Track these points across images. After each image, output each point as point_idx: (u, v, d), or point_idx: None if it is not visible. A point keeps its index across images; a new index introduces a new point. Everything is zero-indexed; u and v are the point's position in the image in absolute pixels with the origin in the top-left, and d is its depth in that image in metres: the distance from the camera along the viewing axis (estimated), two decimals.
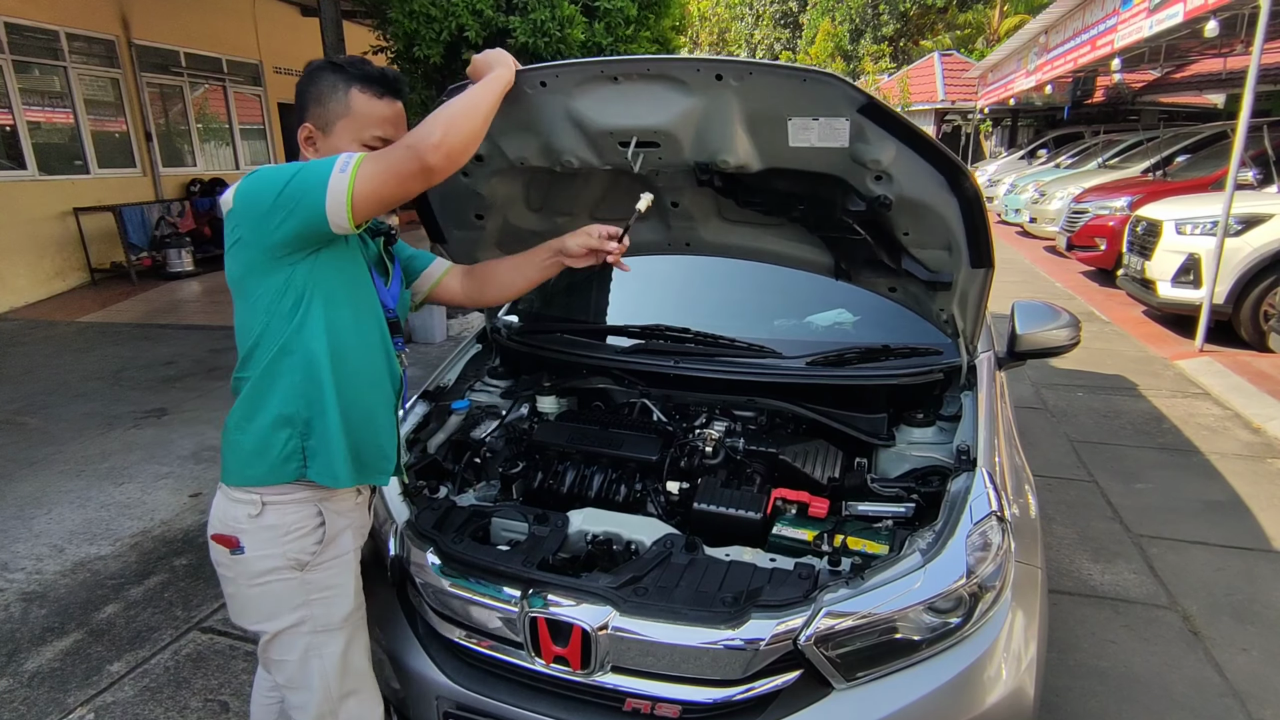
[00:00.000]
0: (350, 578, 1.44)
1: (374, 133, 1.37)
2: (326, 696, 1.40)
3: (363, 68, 1.38)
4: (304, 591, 1.37)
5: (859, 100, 1.36)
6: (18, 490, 3.53)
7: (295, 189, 1.21)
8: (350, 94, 1.36)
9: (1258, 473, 3.73)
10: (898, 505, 1.68)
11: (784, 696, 1.33)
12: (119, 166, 9.23)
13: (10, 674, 2.34)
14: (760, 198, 1.70)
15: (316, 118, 1.37)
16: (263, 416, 1.32)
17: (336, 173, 1.21)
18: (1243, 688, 2.27)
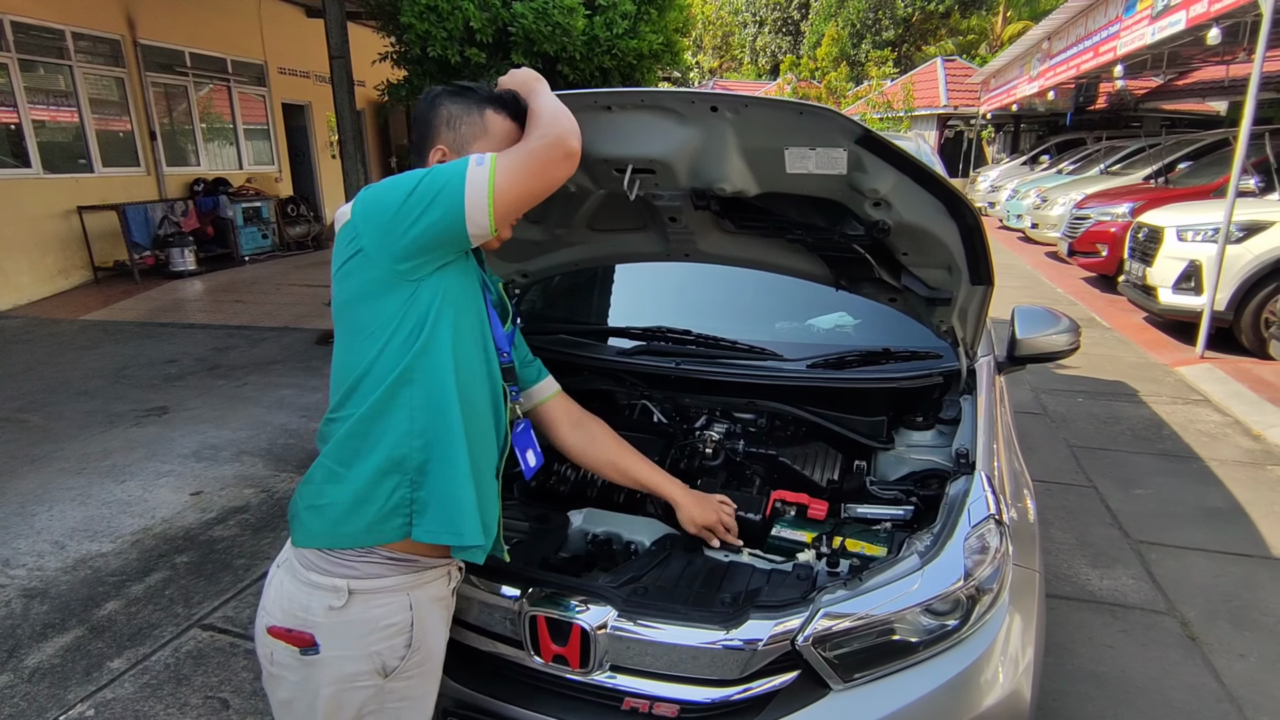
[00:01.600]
0: (435, 686, 1.30)
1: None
2: None
3: (490, 90, 1.35)
4: (378, 700, 1.19)
5: (855, 132, 1.37)
6: (19, 487, 3.55)
7: (429, 186, 1.12)
8: (485, 115, 1.31)
9: (1257, 480, 3.73)
10: (896, 508, 1.69)
11: (781, 697, 1.34)
12: (123, 165, 9.26)
13: (11, 670, 2.34)
14: (758, 219, 1.71)
15: (450, 140, 1.31)
16: (367, 461, 1.14)
17: (473, 166, 1.12)
18: (1240, 694, 2.27)
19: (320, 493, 1.17)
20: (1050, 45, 11.27)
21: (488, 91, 1.35)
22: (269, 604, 1.20)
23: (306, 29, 12.08)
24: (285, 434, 4.23)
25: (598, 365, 2.06)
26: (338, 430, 1.18)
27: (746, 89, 29.17)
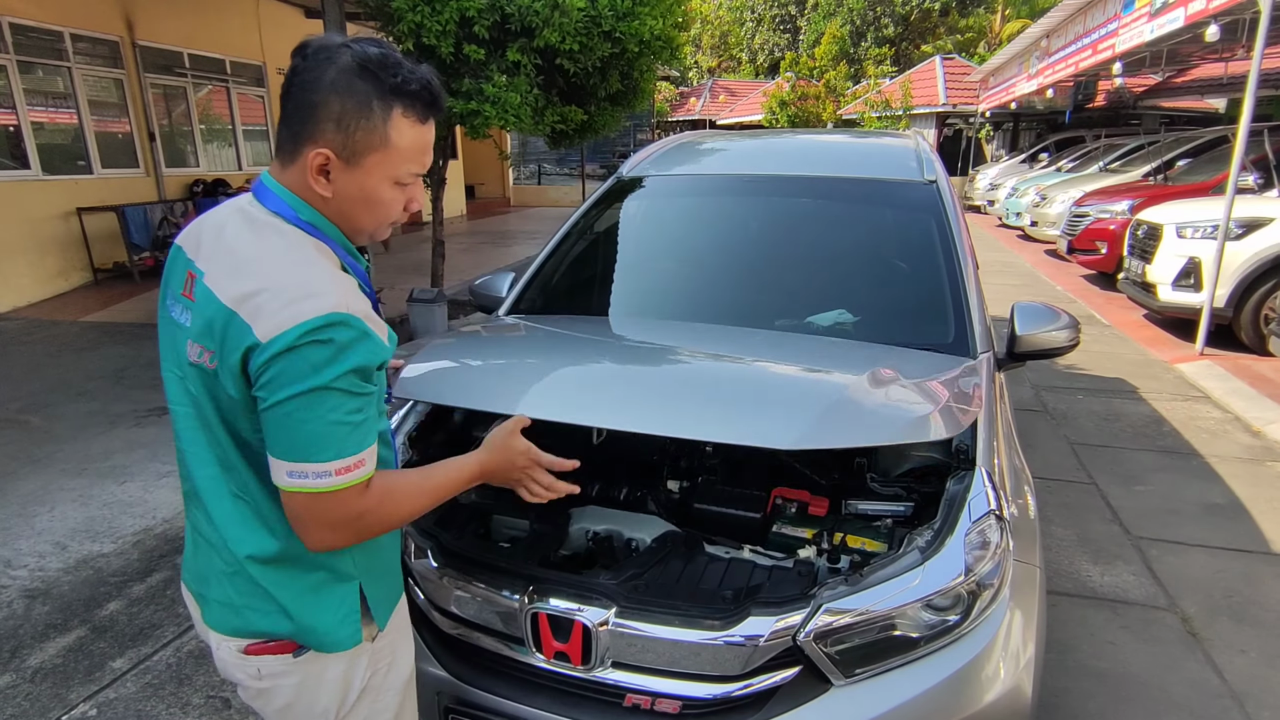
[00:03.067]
0: (409, 637, 1.30)
1: (411, 169, 1.09)
2: None
3: (401, 74, 1.03)
4: (372, 664, 1.19)
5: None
6: (20, 488, 3.55)
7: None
8: (391, 119, 1.03)
9: (1257, 476, 3.74)
10: (897, 504, 1.69)
11: (783, 693, 1.34)
12: (122, 167, 9.24)
13: (13, 670, 2.35)
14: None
15: (338, 144, 1.03)
16: None
17: (321, 471, 0.98)
18: (1241, 689, 2.27)
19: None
20: (1049, 43, 11.27)
21: (400, 80, 1.02)
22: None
23: (305, 29, 12.08)
24: None
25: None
26: None
27: (745, 88, 29.16)
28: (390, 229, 1.16)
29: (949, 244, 2.28)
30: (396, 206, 1.11)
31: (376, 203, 1.08)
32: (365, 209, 1.09)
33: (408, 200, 1.12)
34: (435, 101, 1.08)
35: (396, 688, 1.24)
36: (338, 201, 1.07)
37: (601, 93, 5.93)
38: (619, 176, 2.90)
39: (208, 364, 1.02)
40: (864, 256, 2.41)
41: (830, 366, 1.74)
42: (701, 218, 2.65)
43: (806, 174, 2.69)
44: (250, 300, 0.98)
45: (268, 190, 1.08)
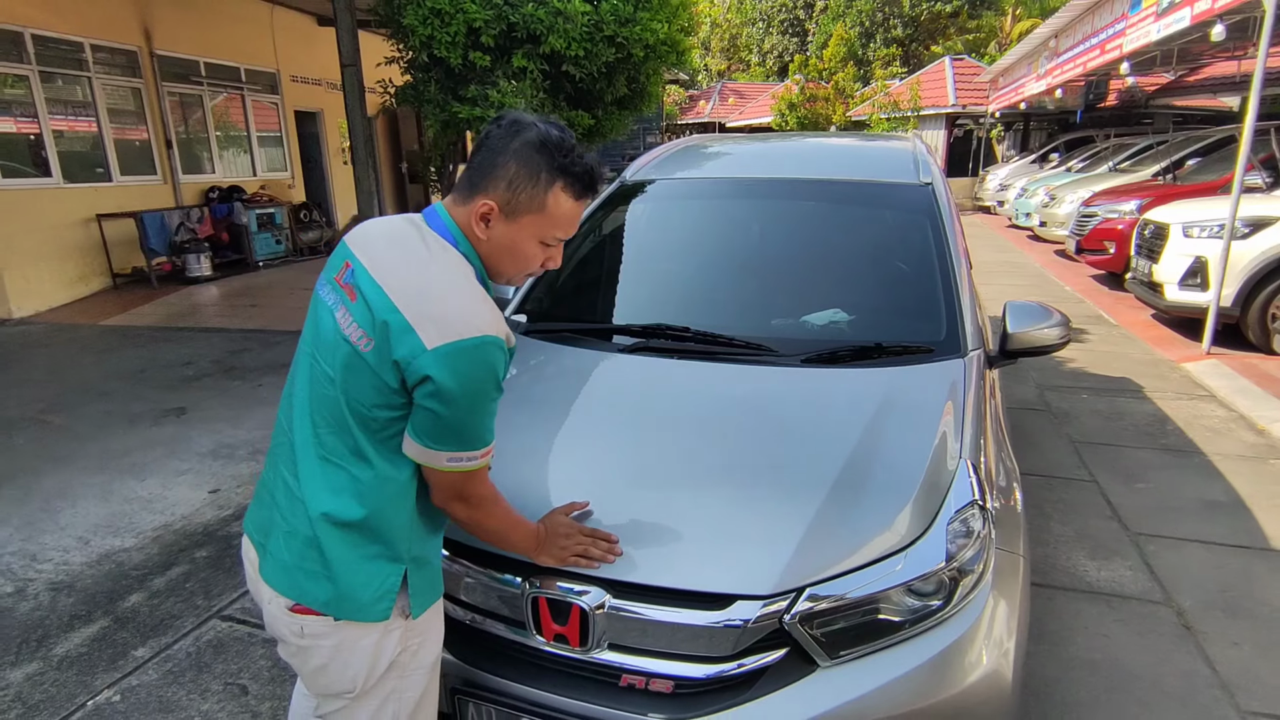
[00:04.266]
0: (440, 627, 1.40)
1: (557, 234, 1.28)
2: None
3: (573, 158, 1.23)
4: (404, 639, 1.30)
5: None
6: (44, 485, 3.66)
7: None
8: (552, 190, 1.22)
9: (1260, 473, 3.75)
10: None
11: (771, 673, 1.40)
12: (140, 174, 9.42)
13: (40, 658, 2.45)
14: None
15: (504, 200, 1.22)
16: None
17: (473, 456, 1.22)
18: (1232, 680, 2.31)
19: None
20: (1057, 43, 11.26)
21: (568, 160, 1.22)
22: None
23: (318, 37, 12.27)
24: None
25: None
26: None
27: (755, 90, 29.19)
28: (527, 277, 1.36)
29: (942, 245, 2.33)
30: (535, 262, 1.31)
31: (520, 255, 1.28)
32: (510, 258, 1.28)
33: (546, 258, 1.32)
34: (593, 185, 1.28)
35: (424, 668, 1.35)
36: (490, 246, 1.27)
37: (608, 97, 6.01)
38: (623, 181, 2.98)
39: (363, 347, 1.18)
40: (860, 257, 2.47)
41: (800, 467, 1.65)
42: (702, 220, 2.72)
43: (805, 177, 2.76)
44: (418, 307, 1.16)
45: (438, 216, 1.28)
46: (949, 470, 1.60)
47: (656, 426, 1.80)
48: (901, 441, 1.67)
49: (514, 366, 2.15)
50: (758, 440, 1.72)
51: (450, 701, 1.57)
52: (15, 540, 3.16)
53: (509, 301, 2.58)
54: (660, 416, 1.83)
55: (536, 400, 1.96)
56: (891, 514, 1.50)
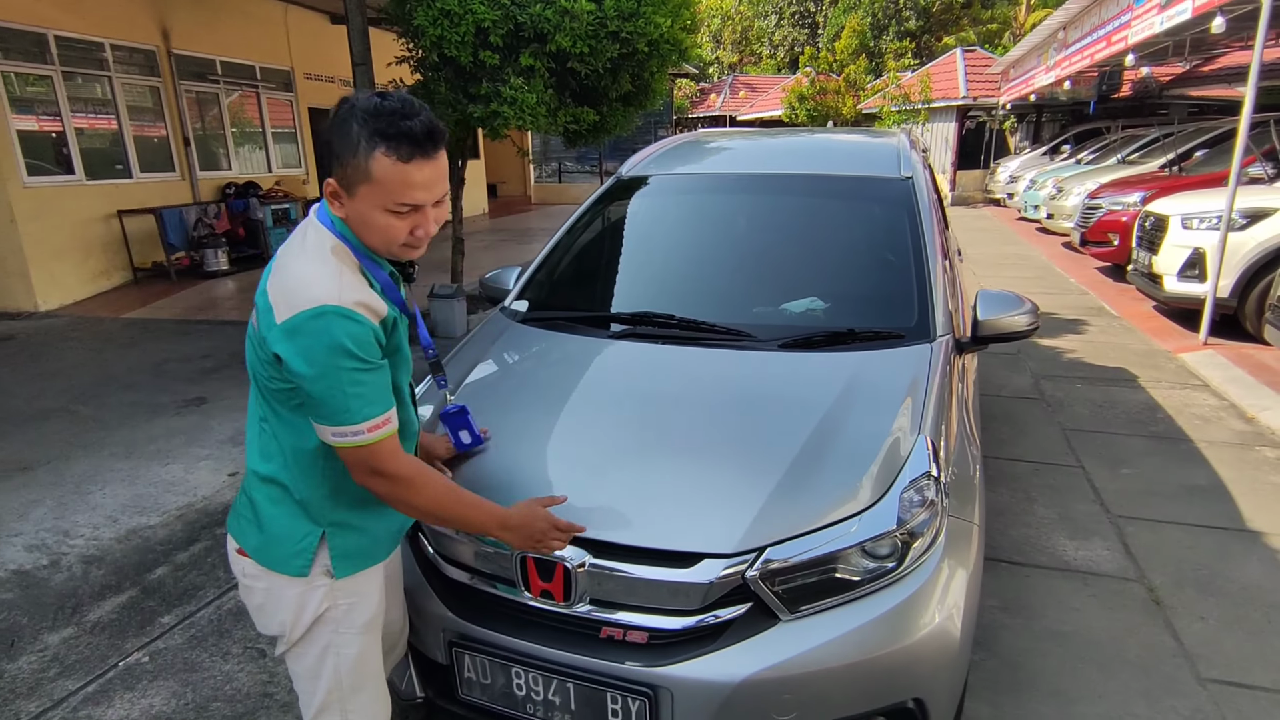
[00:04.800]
0: (377, 592, 1.48)
1: (399, 200, 1.23)
2: (335, 687, 1.46)
3: (390, 120, 1.18)
4: (331, 598, 1.41)
5: None
6: (74, 469, 3.86)
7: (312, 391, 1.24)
8: (373, 157, 1.19)
9: (1244, 459, 3.84)
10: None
11: (736, 625, 1.54)
12: (159, 171, 9.66)
13: (75, 623, 2.63)
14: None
15: (340, 176, 1.24)
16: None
17: (357, 430, 1.25)
18: (1195, 651, 2.42)
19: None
20: (1066, 35, 11.24)
21: (387, 123, 1.18)
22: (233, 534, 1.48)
23: (330, 35, 12.45)
24: None
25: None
26: None
27: (766, 83, 29.15)
28: (415, 249, 1.34)
29: (918, 236, 2.45)
30: (398, 230, 1.27)
31: (376, 227, 1.26)
32: (368, 230, 1.29)
33: (413, 226, 1.27)
34: (419, 143, 1.20)
35: (357, 629, 1.46)
36: (350, 223, 1.30)
37: (613, 93, 6.13)
38: (618, 176, 3.11)
39: (253, 324, 1.34)
40: (839, 247, 2.60)
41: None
42: (691, 214, 2.85)
43: (791, 172, 2.88)
44: (276, 285, 1.27)
45: (323, 207, 1.34)
46: (907, 444, 1.73)
47: (639, 404, 1.94)
48: (863, 418, 1.80)
49: (513, 352, 2.31)
50: (730, 417, 1.86)
51: (448, 654, 1.73)
52: (49, 518, 3.36)
53: (509, 291, 2.73)
54: (643, 396, 1.98)
55: (530, 382, 2.11)
56: (849, 482, 1.63)
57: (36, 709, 2.23)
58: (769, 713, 1.52)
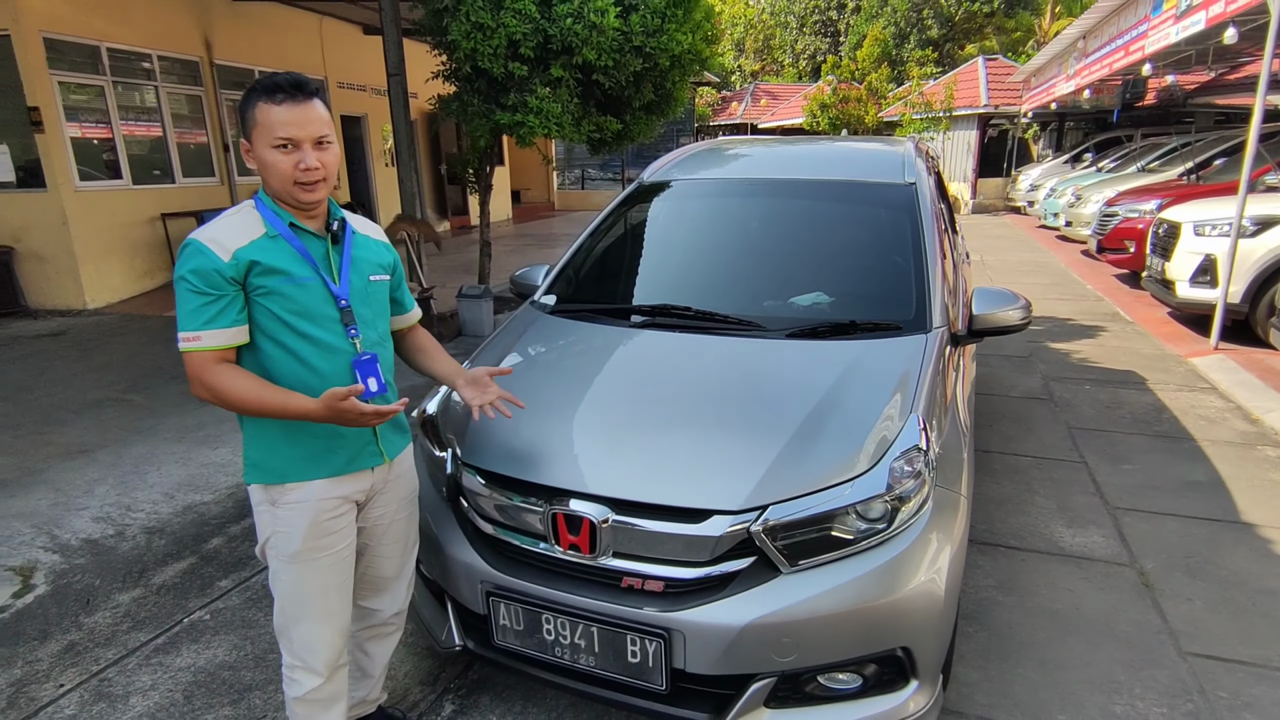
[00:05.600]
0: (300, 532, 1.64)
1: (277, 135, 1.54)
2: (281, 610, 1.71)
3: (266, 82, 1.55)
4: (272, 526, 1.67)
5: None
6: (133, 452, 4.15)
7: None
8: (256, 107, 1.55)
9: (1245, 458, 3.95)
10: None
11: (742, 576, 1.74)
12: (200, 176, 10.07)
13: (142, 585, 2.89)
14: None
15: (245, 133, 1.61)
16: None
17: (179, 337, 1.57)
18: (1179, 628, 2.57)
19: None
20: (1086, 44, 11.31)
21: (264, 83, 1.54)
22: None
23: (363, 45, 12.86)
24: None
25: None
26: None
27: (787, 91, 29.31)
28: (309, 190, 1.58)
29: (919, 237, 2.64)
30: (286, 165, 1.55)
31: (270, 164, 1.56)
32: (268, 171, 1.57)
33: (296, 162, 1.55)
34: (279, 88, 1.53)
35: (285, 556, 1.67)
36: (261, 174, 1.60)
37: (636, 103, 6.37)
38: (640, 181, 3.34)
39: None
40: (845, 247, 2.79)
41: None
42: (709, 216, 3.06)
43: (802, 178, 3.08)
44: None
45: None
46: (899, 421, 1.92)
47: (657, 384, 2.15)
48: (860, 397, 1.99)
49: (542, 342, 2.53)
50: (739, 395, 2.06)
51: (485, 604, 1.94)
52: (113, 494, 3.64)
53: (538, 286, 2.96)
54: (661, 377, 2.19)
55: (560, 365, 2.33)
56: (845, 452, 1.83)
57: (114, 656, 2.48)
58: (770, 654, 1.72)
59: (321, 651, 1.73)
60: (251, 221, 1.60)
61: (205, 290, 1.53)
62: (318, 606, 1.71)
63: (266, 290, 1.58)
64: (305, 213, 1.65)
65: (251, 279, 1.57)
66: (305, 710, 1.77)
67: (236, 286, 1.56)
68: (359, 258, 1.74)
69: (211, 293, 1.54)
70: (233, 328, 1.57)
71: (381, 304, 1.80)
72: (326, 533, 1.69)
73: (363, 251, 1.76)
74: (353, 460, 1.71)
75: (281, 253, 1.60)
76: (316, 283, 1.64)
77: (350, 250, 1.72)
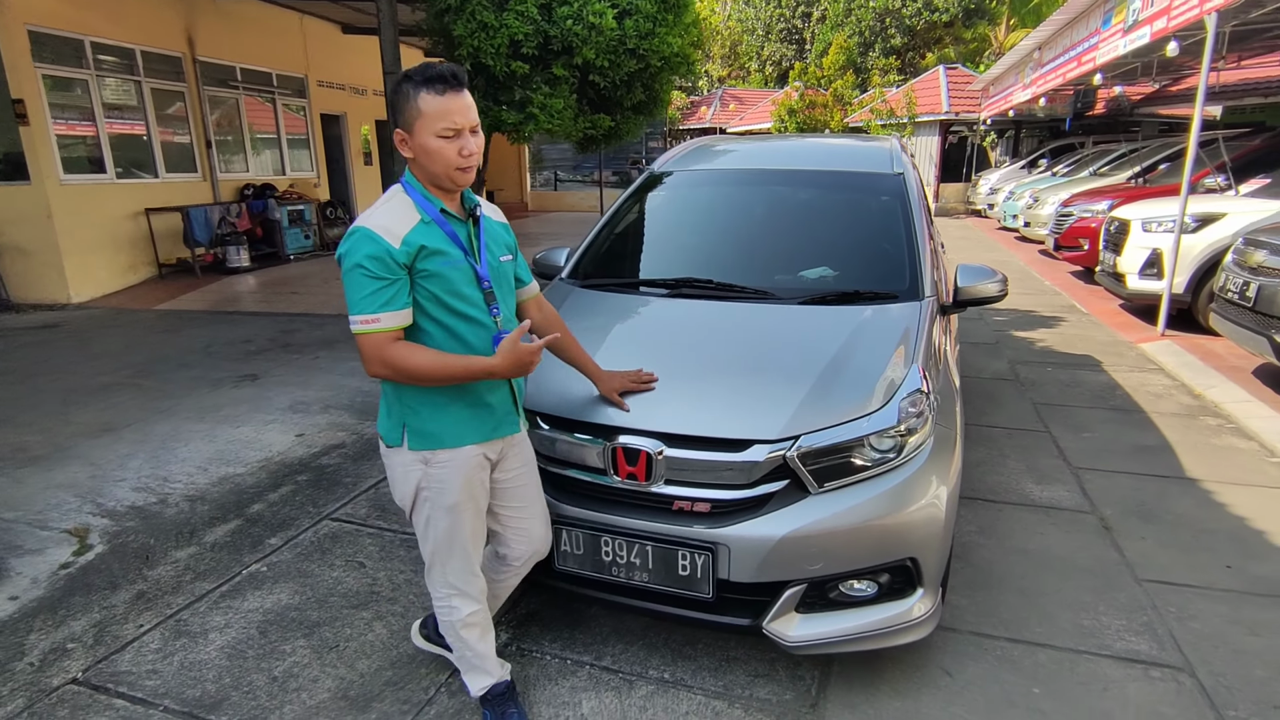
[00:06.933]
0: (458, 483, 1.83)
1: (442, 125, 1.64)
2: (434, 551, 1.91)
3: (425, 71, 1.64)
4: (426, 482, 1.84)
5: None
6: (157, 430, 4.30)
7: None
8: (419, 97, 1.63)
9: (1189, 426, 4.40)
10: None
11: (777, 497, 2.04)
12: (183, 171, 10.09)
13: (196, 543, 3.08)
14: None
15: (403, 123, 1.68)
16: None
17: (354, 320, 1.67)
18: (1134, 561, 2.95)
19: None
20: (1041, 54, 11.95)
21: (423, 73, 1.62)
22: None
23: (343, 44, 12.94)
24: (360, 394, 4.97)
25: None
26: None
27: (754, 96, 29.92)
28: (466, 175, 1.74)
29: (909, 219, 2.99)
30: (449, 152, 1.68)
31: (432, 152, 1.68)
32: (428, 158, 1.70)
33: (459, 149, 1.68)
34: (445, 79, 1.65)
35: (443, 508, 1.86)
36: (416, 162, 1.74)
37: (627, 103, 6.68)
38: (651, 171, 3.63)
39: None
40: (845, 228, 3.13)
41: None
42: (720, 202, 3.37)
43: (803, 168, 3.42)
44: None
45: (405, 171, 1.83)
46: (903, 369, 2.25)
47: (693, 340, 2.45)
48: (870, 350, 2.32)
49: (582, 307, 2.79)
50: (767, 347, 2.38)
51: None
52: (147, 467, 3.80)
53: (561, 269, 3.23)
54: (695, 334, 2.49)
55: (602, 327, 2.59)
56: (861, 393, 2.15)
57: (184, 601, 2.69)
58: (801, 563, 2.02)
59: (474, 581, 1.98)
60: (407, 208, 1.74)
61: (381, 275, 1.66)
62: (470, 546, 1.95)
63: (429, 273, 1.73)
64: (450, 197, 1.80)
65: (418, 263, 1.71)
66: (469, 633, 2.02)
67: (406, 270, 1.70)
68: (491, 240, 1.90)
69: (387, 277, 1.67)
70: (406, 309, 1.71)
71: (510, 283, 1.97)
72: (474, 486, 1.90)
73: (492, 234, 1.92)
74: (497, 428, 1.91)
75: (437, 237, 1.74)
76: (466, 265, 1.79)
77: (484, 234, 1.89)
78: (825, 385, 2.16)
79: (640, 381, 2.20)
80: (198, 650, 2.42)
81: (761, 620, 2.07)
